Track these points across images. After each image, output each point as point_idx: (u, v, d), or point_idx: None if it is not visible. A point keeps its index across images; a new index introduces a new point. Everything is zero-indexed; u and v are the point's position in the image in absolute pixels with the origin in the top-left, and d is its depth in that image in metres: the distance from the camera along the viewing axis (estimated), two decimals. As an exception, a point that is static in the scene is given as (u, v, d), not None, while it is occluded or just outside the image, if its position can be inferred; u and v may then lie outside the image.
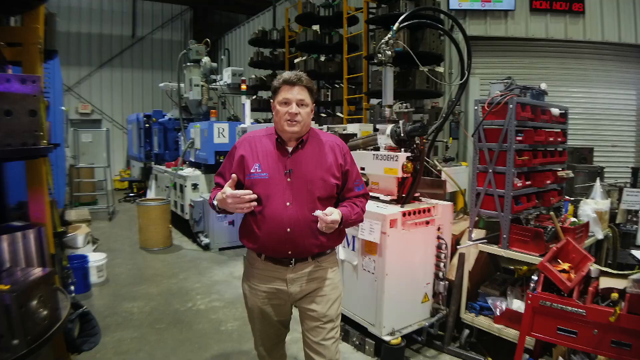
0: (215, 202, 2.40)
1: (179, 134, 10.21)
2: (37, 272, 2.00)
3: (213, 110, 9.45)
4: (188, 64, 9.96)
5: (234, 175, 2.35)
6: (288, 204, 2.36)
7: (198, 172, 8.43)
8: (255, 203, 2.30)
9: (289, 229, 2.35)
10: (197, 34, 16.66)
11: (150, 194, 10.63)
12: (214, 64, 10.03)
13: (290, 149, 2.46)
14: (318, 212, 2.27)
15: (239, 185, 2.41)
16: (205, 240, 7.68)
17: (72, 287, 4.08)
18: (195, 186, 8.27)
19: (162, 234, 7.80)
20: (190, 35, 17.42)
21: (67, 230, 6.10)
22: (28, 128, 1.89)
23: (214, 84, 10.09)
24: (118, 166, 15.90)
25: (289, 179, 2.39)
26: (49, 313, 1.98)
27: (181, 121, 9.71)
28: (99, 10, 16.21)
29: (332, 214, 2.28)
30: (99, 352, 3.95)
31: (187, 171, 8.61)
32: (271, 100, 2.50)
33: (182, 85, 10.10)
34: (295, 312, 2.71)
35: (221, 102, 10.40)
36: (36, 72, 2.58)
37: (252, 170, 2.40)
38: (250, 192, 2.28)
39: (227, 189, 2.28)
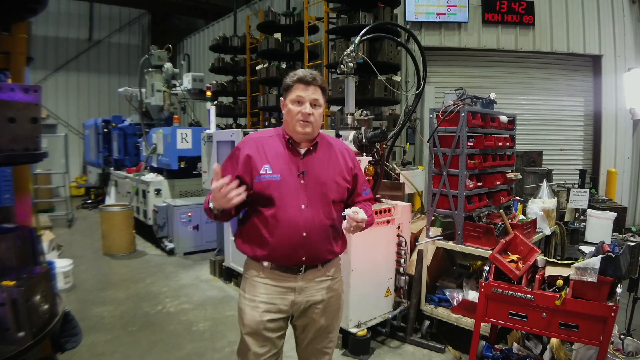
0: (210, 205, 2.17)
1: (140, 139, 10.17)
2: (38, 269, 2.15)
3: (176, 116, 9.49)
4: (150, 69, 9.95)
5: (228, 178, 2.06)
6: (303, 206, 2.24)
7: (161, 178, 8.47)
8: (242, 190, 2.07)
9: (305, 234, 2.23)
10: (155, 38, 16.56)
11: (110, 200, 10.52)
12: (176, 70, 10.08)
13: (302, 151, 2.34)
14: (348, 211, 2.16)
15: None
16: (169, 245, 7.73)
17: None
18: (158, 191, 8.30)
19: (125, 239, 7.80)
20: (149, 39, 17.29)
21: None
22: (30, 134, 2.03)
23: (175, 89, 10.12)
24: (74, 172, 15.53)
25: (302, 181, 2.27)
26: (49, 307, 2.12)
27: (142, 126, 9.68)
28: (55, 12, 15.80)
29: (360, 212, 2.17)
30: (75, 354, 4.00)
31: (150, 177, 8.61)
32: (281, 98, 2.36)
33: (143, 90, 10.08)
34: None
35: (181, 108, 10.42)
36: (23, 79, 2.70)
37: (261, 172, 2.24)
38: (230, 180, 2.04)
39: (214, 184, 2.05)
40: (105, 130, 11.88)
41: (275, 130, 2.43)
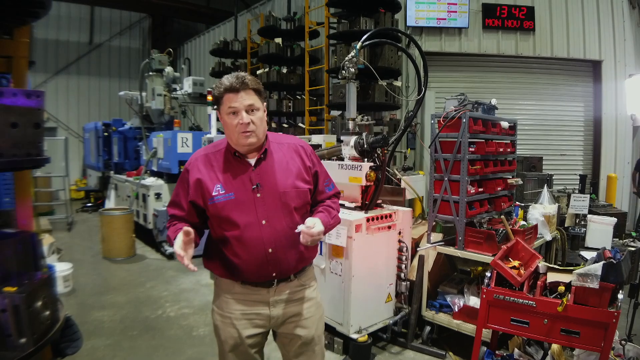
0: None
1: (140, 143, 10.17)
2: (40, 275, 2.14)
3: (176, 120, 9.49)
4: (150, 73, 9.96)
5: (186, 229, 2.00)
6: (264, 222, 2.12)
7: (161, 182, 8.45)
8: (192, 236, 2.02)
9: (270, 250, 2.12)
10: (156, 42, 16.60)
11: (110, 203, 10.52)
12: (177, 74, 10.09)
13: (252, 162, 2.18)
14: (301, 227, 2.04)
15: (199, 212, 2.20)
16: (169, 250, 7.70)
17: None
18: (158, 195, 8.28)
19: (125, 243, 7.79)
20: (149, 43, 17.30)
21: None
22: (32, 139, 2.03)
23: (175, 93, 10.13)
24: (74, 175, 15.51)
25: (258, 195, 2.13)
26: (50, 313, 2.12)
27: (143, 130, 9.69)
28: (55, 15, 15.81)
29: (314, 225, 2.05)
30: (75, 359, 4.00)
31: (150, 180, 8.59)
32: (216, 112, 2.23)
33: (143, 94, 10.09)
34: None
35: (182, 112, 10.43)
36: (24, 84, 2.71)
37: (214, 193, 2.11)
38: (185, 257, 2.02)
39: (177, 247, 2.01)
40: (106, 133, 11.87)
41: (218, 144, 2.27)
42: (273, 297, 2.23)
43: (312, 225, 2.04)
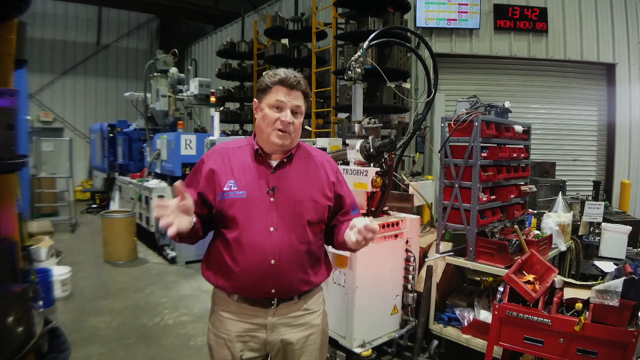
0: None
1: (144, 144, 10.06)
2: (13, 288, 1.97)
3: (180, 122, 9.37)
4: (155, 74, 9.85)
5: (188, 196, 1.79)
6: (272, 229, 1.93)
7: (164, 184, 8.32)
8: (190, 202, 1.77)
9: (273, 261, 1.92)
10: (163, 43, 16.51)
11: (114, 205, 10.41)
12: (182, 75, 9.96)
13: (274, 163, 2.02)
14: (364, 220, 1.77)
15: (207, 206, 2.01)
16: (171, 254, 7.59)
17: (41, 302, 3.99)
18: (161, 198, 8.14)
19: (127, 247, 7.66)
20: (157, 44, 17.22)
21: (32, 243, 5.94)
22: (5, 142, 1.86)
23: (181, 94, 10.01)
24: (80, 176, 15.50)
25: (272, 199, 1.96)
26: (24, 329, 1.95)
27: (147, 132, 9.58)
28: (63, 16, 15.81)
29: (371, 220, 1.79)
30: (66, 369, 3.86)
31: (153, 183, 8.48)
32: (255, 100, 2.04)
33: (148, 95, 9.98)
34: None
35: (187, 113, 10.32)
36: (9, 83, 2.54)
37: (225, 188, 1.95)
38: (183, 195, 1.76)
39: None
40: (111, 134, 11.83)
41: (242, 140, 2.14)
42: (271, 319, 2.02)
43: (369, 220, 1.78)
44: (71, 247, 8.53)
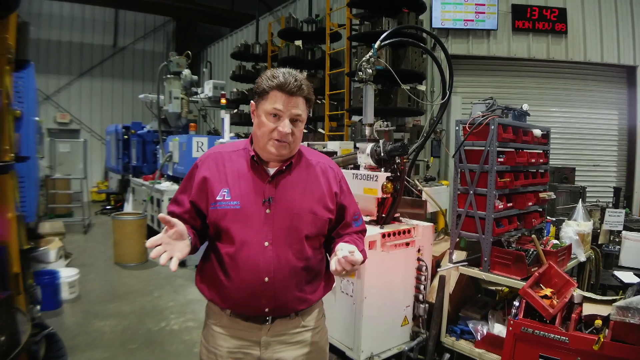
0: None
1: (158, 146, 10.05)
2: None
3: (193, 124, 9.34)
4: (168, 76, 9.83)
5: (177, 222, 1.67)
6: (267, 244, 1.79)
7: (176, 186, 8.26)
8: (181, 226, 1.68)
9: (267, 279, 1.79)
10: (179, 46, 16.54)
11: (128, 207, 10.43)
12: (195, 77, 9.95)
13: (271, 171, 1.87)
14: (343, 251, 1.65)
15: (201, 215, 1.90)
16: (181, 256, 7.49)
17: (38, 307, 3.92)
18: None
19: (137, 249, 7.61)
20: (173, 46, 17.27)
21: (36, 246, 5.90)
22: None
23: (195, 96, 9.98)
24: (96, 177, 15.61)
25: (268, 210, 1.81)
26: (6, 339, 1.84)
27: (160, 134, 9.57)
28: (80, 18, 15.97)
29: (355, 252, 1.67)
30: (66, 375, 3.77)
31: (165, 185, 8.44)
32: (252, 102, 1.90)
33: (161, 97, 9.96)
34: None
35: (202, 115, 10.29)
36: (3, 83, 2.46)
37: (218, 198, 1.82)
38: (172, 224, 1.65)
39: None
40: (125, 136, 11.86)
41: (238, 144, 1.98)
42: (266, 336, 1.89)
43: (353, 250, 1.66)
44: (83, 248, 8.52)
